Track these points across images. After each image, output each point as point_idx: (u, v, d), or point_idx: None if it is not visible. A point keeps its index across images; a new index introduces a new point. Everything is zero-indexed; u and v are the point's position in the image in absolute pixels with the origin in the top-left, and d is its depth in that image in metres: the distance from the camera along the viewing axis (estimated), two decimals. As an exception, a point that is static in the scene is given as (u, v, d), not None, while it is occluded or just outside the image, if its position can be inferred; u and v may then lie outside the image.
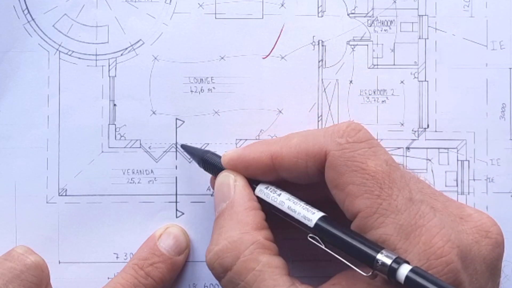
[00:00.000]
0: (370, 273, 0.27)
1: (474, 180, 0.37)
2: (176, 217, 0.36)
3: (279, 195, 0.31)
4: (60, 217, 0.36)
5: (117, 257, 0.36)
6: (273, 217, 0.31)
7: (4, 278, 0.31)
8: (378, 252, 0.26)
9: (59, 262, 0.36)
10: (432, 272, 0.26)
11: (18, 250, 0.33)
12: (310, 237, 0.29)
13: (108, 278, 0.35)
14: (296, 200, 0.30)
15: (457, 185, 0.37)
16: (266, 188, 0.31)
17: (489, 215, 0.30)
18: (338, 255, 0.28)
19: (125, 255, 0.36)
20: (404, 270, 0.26)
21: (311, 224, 0.29)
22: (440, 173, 0.37)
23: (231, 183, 0.31)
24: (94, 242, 0.36)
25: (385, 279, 0.27)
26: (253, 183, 0.32)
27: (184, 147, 0.36)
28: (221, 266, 0.29)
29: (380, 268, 0.26)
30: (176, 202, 0.36)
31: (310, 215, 0.29)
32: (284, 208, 0.30)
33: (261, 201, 0.31)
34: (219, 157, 0.33)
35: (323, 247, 0.28)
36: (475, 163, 0.37)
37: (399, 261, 0.26)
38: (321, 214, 0.29)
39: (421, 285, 0.25)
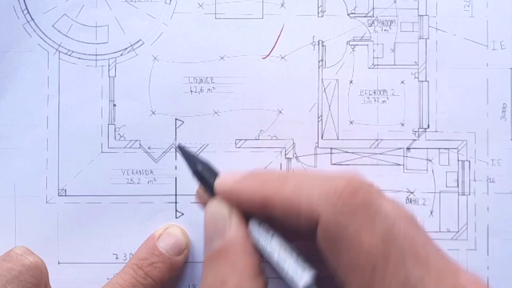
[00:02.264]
0: None
1: (475, 180, 0.36)
2: (176, 217, 0.36)
3: (272, 236, 0.28)
4: (59, 217, 0.36)
5: (116, 258, 0.36)
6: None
7: (3, 279, 0.31)
8: None
9: (59, 263, 0.35)
10: None
11: (16, 251, 0.32)
12: None
13: (108, 278, 0.35)
14: (287, 250, 0.28)
15: (457, 186, 0.36)
16: (259, 225, 0.28)
17: (484, 281, 0.28)
18: None
19: (125, 256, 0.36)
20: None
21: (298, 286, 0.27)
22: (440, 174, 0.36)
23: (226, 217, 0.28)
24: (94, 242, 0.36)
25: None
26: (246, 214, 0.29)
27: (181, 149, 0.32)
28: None
29: None
30: (175, 202, 0.36)
31: (298, 276, 0.27)
32: (274, 259, 0.27)
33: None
34: (214, 174, 0.30)
35: None
36: (476, 163, 0.36)
37: None
38: (309, 275, 0.27)
39: None
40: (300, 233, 0.27)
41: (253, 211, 0.28)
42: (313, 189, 0.27)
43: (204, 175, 0.30)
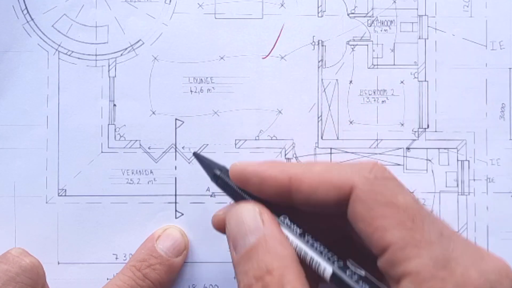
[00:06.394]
0: None
1: (474, 180, 0.36)
2: (176, 217, 0.35)
3: (300, 229, 0.28)
4: (59, 217, 0.35)
5: (116, 258, 0.35)
6: None
7: (0, 281, 0.30)
8: None
9: (58, 263, 0.35)
10: None
11: (13, 252, 0.32)
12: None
13: (107, 278, 0.34)
14: (315, 243, 0.28)
15: (457, 185, 0.36)
16: (288, 220, 0.29)
17: (503, 259, 0.29)
18: None
19: (124, 256, 0.35)
20: None
21: (328, 276, 0.27)
22: (440, 173, 0.36)
23: (257, 215, 0.28)
24: (93, 242, 0.35)
25: None
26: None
27: (197, 156, 0.32)
28: None
29: None
30: (175, 202, 0.35)
31: (326, 266, 0.27)
32: (303, 252, 0.28)
33: None
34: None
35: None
36: (475, 163, 0.36)
37: None
38: (336, 265, 0.27)
39: None
40: (322, 209, 0.28)
41: (274, 194, 0.29)
42: (343, 168, 0.28)
43: (225, 178, 0.30)
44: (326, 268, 0.27)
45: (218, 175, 0.30)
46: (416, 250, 0.26)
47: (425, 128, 0.36)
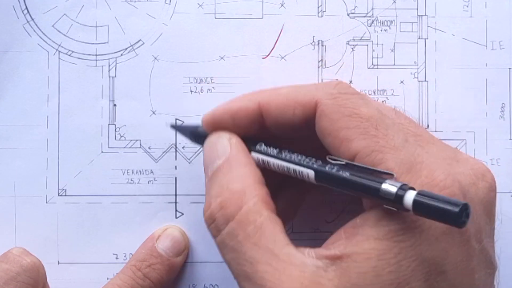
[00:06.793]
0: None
1: (474, 180, 0.36)
2: (176, 217, 0.35)
3: (276, 149, 0.29)
4: (59, 217, 0.35)
5: (116, 258, 0.35)
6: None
7: (0, 280, 0.30)
8: (381, 183, 0.25)
9: (59, 263, 0.35)
10: None
11: (14, 252, 0.32)
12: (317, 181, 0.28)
13: (108, 278, 0.34)
14: (292, 156, 0.29)
15: (457, 185, 0.36)
16: (264, 146, 0.30)
17: (483, 162, 0.30)
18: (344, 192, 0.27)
19: (125, 256, 0.35)
20: (411, 195, 0.24)
21: (312, 177, 0.28)
22: (440, 173, 0.36)
23: (226, 141, 0.29)
24: (94, 242, 0.35)
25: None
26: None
27: (174, 126, 0.34)
28: (223, 216, 0.27)
29: (386, 196, 0.25)
30: (175, 202, 0.35)
31: (308, 170, 0.28)
32: (283, 162, 0.29)
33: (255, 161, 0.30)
34: None
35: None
36: (475, 163, 0.36)
37: (404, 187, 0.25)
38: (319, 162, 0.28)
39: (429, 205, 0.24)
40: (294, 132, 0.29)
41: (248, 124, 0.30)
42: (309, 87, 0.29)
43: (202, 130, 0.31)
44: (309, 172, 0.28)
45: (197, 132, 0.31)
46: (380, 156, 0.26)
47: (425, 128, 0.36)
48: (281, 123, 0.29)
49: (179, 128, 0.34)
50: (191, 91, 0.35)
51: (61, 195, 0.35)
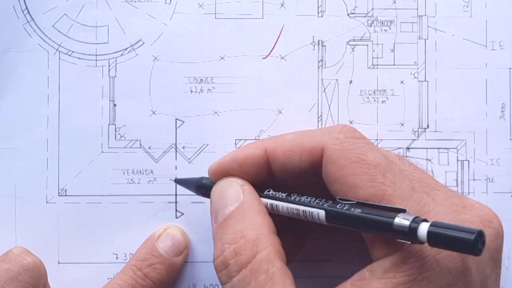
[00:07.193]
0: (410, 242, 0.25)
1: (474, 180, 0.36)
2: (176, 217, 0.35)
3: (285, 193, 0.29)
4: (59, 217, 0.35)
5: (116, 258, 0.35)
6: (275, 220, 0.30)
7: (1, 280, 0.30)
8: (394, 217, 0.25)
9: (59, 263, 0.35)
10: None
11: (15, 251, 0.32)
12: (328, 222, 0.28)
13: (108, 278, 0.34)
14: (302, 198, 0.29)
15: (457, 185, 0.36)
16: (272, 191, 0.30)
17: (489, 207, 0.30)
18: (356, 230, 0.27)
19: (125, 256, 0.35)
20: (424, 227, 0.24)
21: (323, 217, 0.27)
22: (440, 173, 0.36)
23: (238, 187, 0.29)
24: (94, 242, 0.35)
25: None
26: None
27: (178, 181, 0.34)
28: (237, 263, 0.27)
29: (400, 230, 0.24)
30: (175, 202, 0.35)
31: (318, 210, 0.28)
32: (292, 204, 0.28)
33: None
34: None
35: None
36: (475, 163, 0.36)
37: (417, 220, 0.25)
38: (329, 202, 0.28)
39: (444, 235, 0.24)
40: (301, 178, 0.29)
41: (255, 171, 0.29)
42: (314, 132, 0.29)
43: (207, 182, 0.31)
44: (319, 212, 0.27)
45: (202, 183, 0.31)
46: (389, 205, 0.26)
47: (425, 128, 0.36)
48: (288, 169, 0.29)
49: (183, 182, 0.34)
50: (191, 91, 0.35)
51: (61, 195, 0.35)
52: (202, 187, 0.32)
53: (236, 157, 0.30)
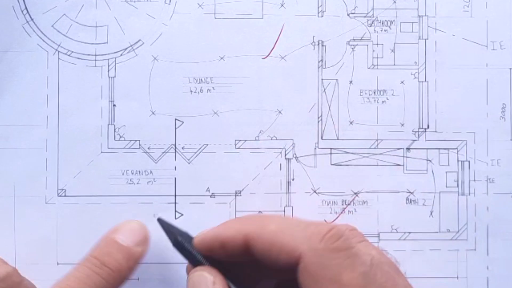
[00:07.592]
0: None
1: (474, 180, 0.36)
2: (175, 218, 0.35)
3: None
4: (59, 217, 0.35)
5: (116, 258, 0.35)
6: None
7: None
8: None
9: (57, 263, 0.35)
10: None
11: None
12: None
13: (107, 279, 0.34)
14: None
15: (457, 186, 0.35)
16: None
17: None
18: None
19: (124, 256, 0.35)
20: None
21: None
22: (440, 174, 0.35)
23: (210, 284, 0.29)
24: (93, 243, 0.34)
25: None
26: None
27: (160, 221, 0.33)
28: None
29: None
30: (175, 203, 0.35)
31: None
32: None
33: None
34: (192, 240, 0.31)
35: None
36: (476, 163, 0.36)
37: None
38: None
39: None
40: (280, 270, 0.28)
41: (237, 254, 0.29)
42: (296, 231, 0.28)
43: (184, 244, 0.31)
44: None
45: (179, 241, 0.31)
46: None
47: (425, 129, 0.36)
48: (268, 262, 0.28)
49: (164, 226, 0.33)
50: (191, 91, 0.35)
51: (60, 196, 0.35)
52: (178, 244, 0.31)
53: (217, 237, 0.30)
